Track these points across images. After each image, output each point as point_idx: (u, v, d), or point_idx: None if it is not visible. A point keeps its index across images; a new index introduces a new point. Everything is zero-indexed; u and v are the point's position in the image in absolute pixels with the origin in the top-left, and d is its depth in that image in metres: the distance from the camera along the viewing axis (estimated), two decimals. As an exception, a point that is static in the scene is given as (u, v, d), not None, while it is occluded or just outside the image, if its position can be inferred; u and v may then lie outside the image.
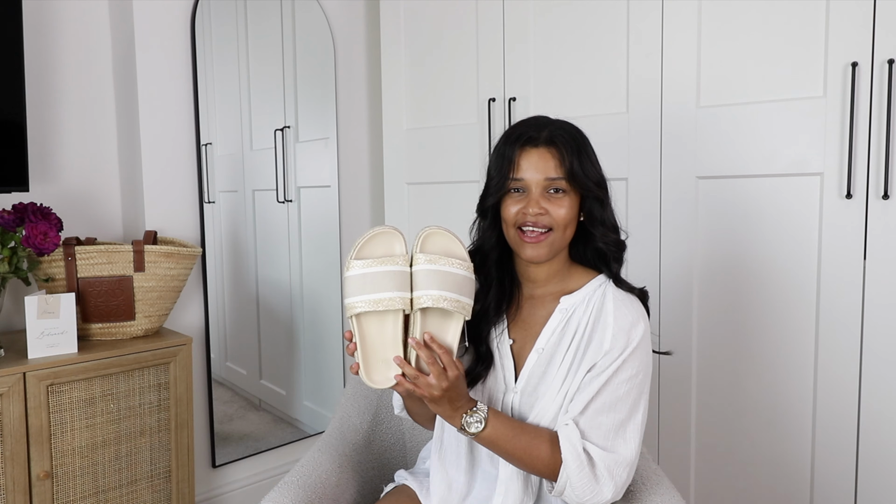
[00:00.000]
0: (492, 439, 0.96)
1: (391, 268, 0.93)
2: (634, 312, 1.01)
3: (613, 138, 1.72)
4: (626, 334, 0.99)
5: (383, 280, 0.92)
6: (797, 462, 1.55)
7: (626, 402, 0.98)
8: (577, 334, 1.02)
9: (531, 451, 0.97)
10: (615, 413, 0.97)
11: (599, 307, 1.02)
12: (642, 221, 1.70)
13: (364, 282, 0.93)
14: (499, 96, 1.91)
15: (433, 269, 0.93)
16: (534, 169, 0.99)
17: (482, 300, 1.07)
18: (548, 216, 0.99)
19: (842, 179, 1.44)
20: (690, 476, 1.70)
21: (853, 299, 1.45)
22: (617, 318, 1.00)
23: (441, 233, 0.97)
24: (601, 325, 1.01)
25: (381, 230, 0.96)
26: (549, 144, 1.00)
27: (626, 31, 1.69)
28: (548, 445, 0.97)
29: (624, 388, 0.98)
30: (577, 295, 1.04)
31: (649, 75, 1.67)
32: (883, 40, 1.37)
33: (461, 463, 1.09)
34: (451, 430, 1.09)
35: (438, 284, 0.93)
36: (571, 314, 1.03)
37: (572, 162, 0.98)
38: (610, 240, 1.03)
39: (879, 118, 1.39)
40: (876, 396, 1.44)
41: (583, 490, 0.95)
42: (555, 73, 1.82)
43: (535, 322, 1.06)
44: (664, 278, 1.69)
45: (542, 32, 1.83)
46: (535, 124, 1.03)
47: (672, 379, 1.70)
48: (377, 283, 0.92)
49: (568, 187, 1.00)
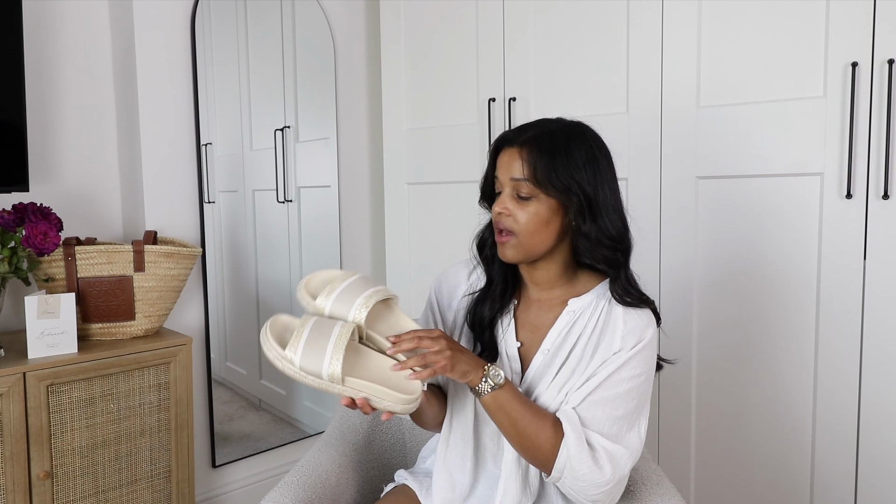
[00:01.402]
0: (503, 401, 0.95)
1: (310, 326, 0.92)
2: (645, 317, 1.00)
3: (613, 138, 1.71)
4: (636, 335, 0.98)
5: (318, 341, 0.90)
6: (797, 462, 1.55)
7: (627, 401, 0.97)
8: (584, 336, 1.01)
9: (536, 425, 0.95)
10: (614, 409, 0.96)
11: (608, 311, 1.01)
12: (642, 221, 1.70)
13: (311, 357, 0.89)
14: (499, 96, 1.91)
15: (336, 295, 0.97)
16: (504, 168, 0.99)
17: (484, 295, 1.08)
18: (510, 218, 0.98)
19: (842, 179, 1.44)
20: (690, 476, 1.70)
21: (853, 299, 1.45)
22: (627, 321, 0.99)
23: (308, 277, 1.02)
24: (610, 328, 1.00)
25: (272, 324, 0.96)
26: (522, 145, 0.97)
27: (627, 30, 1.69)
28: (551, 424, 0.96)
29: (625, 385, 0.96)
30: (585, 298, 1.04)
31: (649, 75, 1.67)
32: (883, 40, 1.37)
33: (466, 465, 1.08)
34: (459, 433, 1.08)
35: (350, 299, 0.96)
36: (578, 317, 1.03)
37: (536, 164, 0.95)
38: (598, 256, 0.98)
39: (879, 118, 1.39)
40: (876, 396, 1.44)
41: (582, 468, 0.93)
42: (555, 72, 1.82)
43: (542, 325, 1.06)
44: (664, 278, 1.69)
45: (542, 32, 1.83)
46: (526, 125, 1.03)
47: (672, 379, 1.70)
48: (317, 351, 0.89)
49: (535, 191, 0.96)
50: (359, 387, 0.90)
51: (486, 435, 1.08)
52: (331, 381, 0.89)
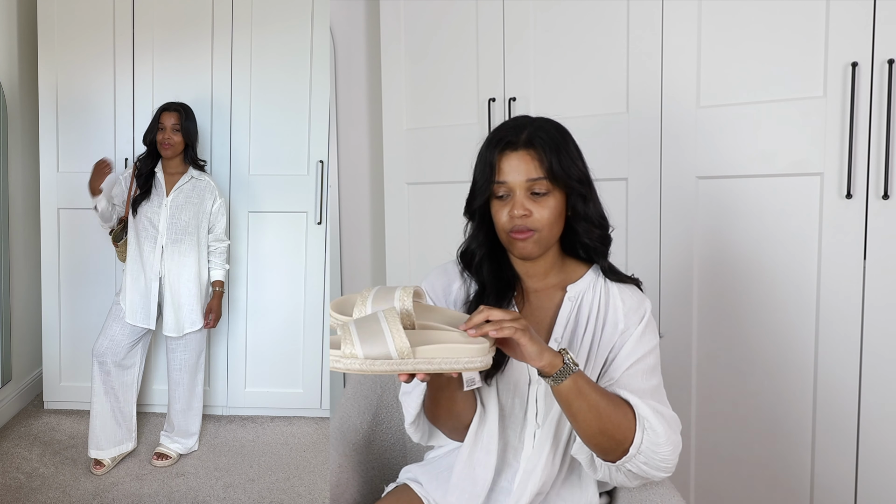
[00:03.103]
0: (583, 384, 0.92)
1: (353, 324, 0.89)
2: (638, 293, 1.08)
3: (613, 138, 1.72)
4: (636, 311, 1.05)
5: (370, 329, 0.88)
6: (797, 462, 1.55)
7: (656, 372, 1.03)
8: (591, 320, 1.06)
9: (613, 406, 0.94)
10: (650, 379, 1.02)
11: (606, 291, 1.08)
12: (642, 221, 1.70)
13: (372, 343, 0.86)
14: (499, 96, 1.90)
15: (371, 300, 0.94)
16: (515, 171, 1.01)
17: (479, 298, 1.08)
18: (531, 218, 1.01)
19: (842, 179, 1.44)
20: (690, 476, 1.70)
21: (853, 299, 1.45)
22: (625, 300, 1.06)
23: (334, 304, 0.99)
24: (612, 307, 1.06)
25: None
26: (528, 146, 1.01)
27: (626, 30, 1.69)
28: (623, 402, 0.97)
29: (651, 359, 1.03)
30: (581, 283, 1.08)
31: (649, 75, 1.66)
32: (883, 40, 1.37)
33: (490, 461, 1.07)
34: (487, 431, 1.07)
35: (387, 296, 0.93)
36: (580, 301, 1.07)
37: (551, 161, 1.00)
38: (594, 235, 1.06)
39: (879, 118, 1.39)
40: (876, 396, 1.44)
41: (661, 433, 0.94)
42: (555, 72, 1.82)
43: (544, 314, 1.09)
44: (664, 278, 1.69)
45: (542, 32, 1.83)
46: (514, 126, 1.04)
47: (672, 379, 1.69)
48: (375, 335, 0.87)
49: (550, 186, 1.01)
50: (431, 354, 0.86)
51: (510, 429, 1.09)
52: (401, 358, 0.86)
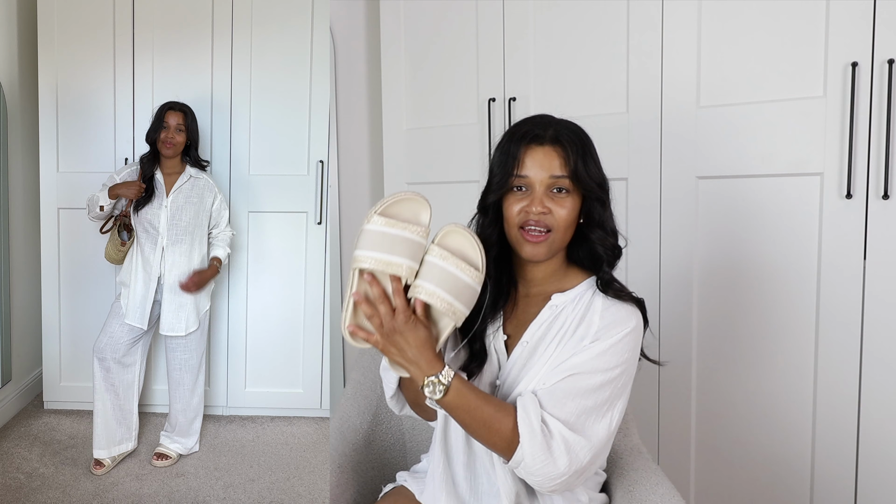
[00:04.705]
0: (453, 406, 0.94)
1: (411, 235, 0.91)
2: (625, 311, 1.00)
3: (613, 138, 1.72)
4: (611, 328, 0.98)
5: (401, 245, 0.90)
6: (797, 462, 1.55)
7: (599, 394, 0.95)
8: (562, 331, 1.01)
9: (493, 423, 0.94)
10: (583, 399, 0.95)
11: (587, 305, 1.02)
12: (642, 221, 1.70)
13: (382, 240, 0.90)
14: (499, 96, 1.90)
15: (440, 266, 0.91)
16: (538, 167, 0.99)
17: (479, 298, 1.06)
18: (550, 216, 0.98)
19: (842, 179, 1.44)
20: (690, 476, 1.70)
21: (853, 299, 1.45)
22: (605, 316, 0.99)
23: (463, 234, 0.95)
24: (586, 322, 1.00)
25: (412, 196, 0.93)
26: (555, 143, 0.99)
27: (627, 30, 1.69)
28: (512, 420, 0.94)
29: (599, 378, 0.95)
30: (569, 294, 1.04)
31: (649, 75, 1.66)
32: (883, 40, 1.37)
33: (460, 457, 1.07)
34: (455, 428, 1.07)
35: (439, 282, 0.91)
36: (560, 311, 1.03)
37: (577, 162, 0.98)
38: (608, 244, 1.03)
39: (879, 118, 1.39)
40: (876, 396, 1.44)
41: (534, 462, 0.92)
42: (555, 72, 1.82)
43: (527, 319, 1.06)
44: (664, 278, 1.69)
45: (542, 32, 1.83)
46: (540, 122, 1.02)
47: (672, 379, 1.70)
48: (394, 246, 0.89)
49: (571, 187, 0.99)
50: (359, 283, 0.92)
51: None
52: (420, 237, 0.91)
